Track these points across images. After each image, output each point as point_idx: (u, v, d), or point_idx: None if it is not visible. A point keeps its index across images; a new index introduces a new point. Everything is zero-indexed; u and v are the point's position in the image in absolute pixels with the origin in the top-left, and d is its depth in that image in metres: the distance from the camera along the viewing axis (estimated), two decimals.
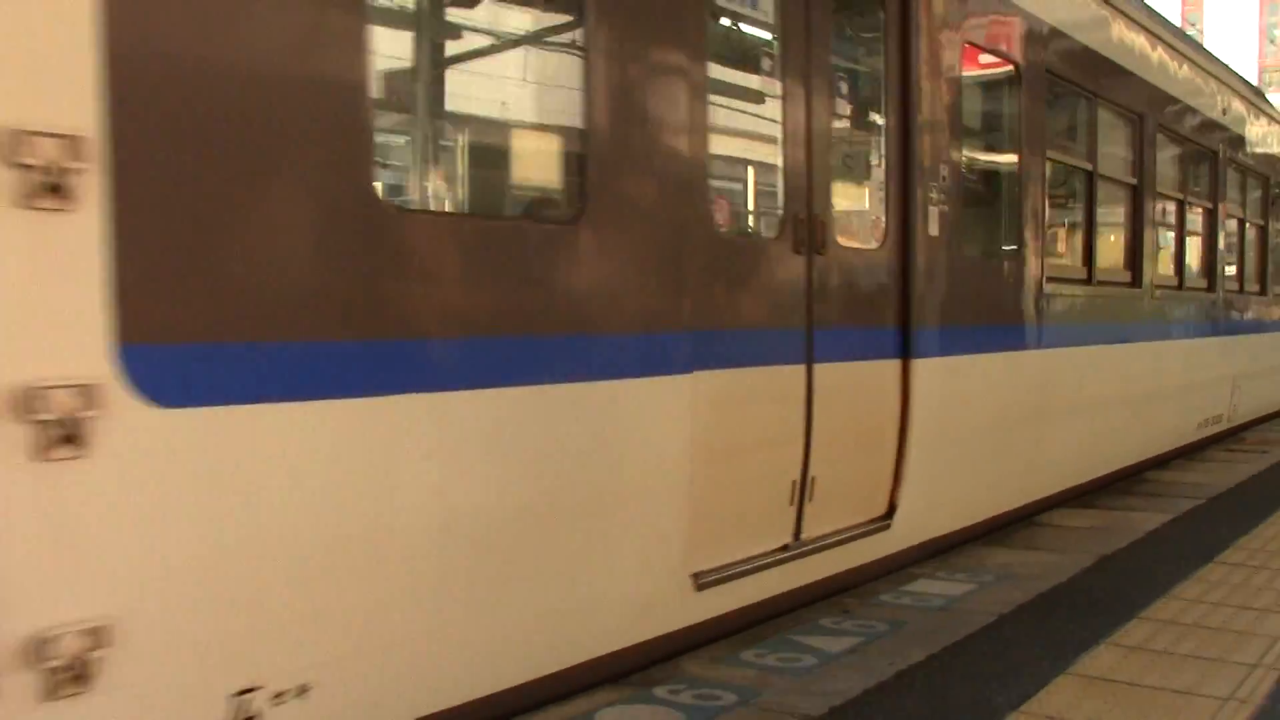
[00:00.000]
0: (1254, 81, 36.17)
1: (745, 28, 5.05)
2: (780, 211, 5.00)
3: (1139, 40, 8.75)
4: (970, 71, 6.35)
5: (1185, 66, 9.89)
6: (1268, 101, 13.09)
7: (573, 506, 3.95)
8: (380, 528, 3.31)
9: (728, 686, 4.33)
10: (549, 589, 3.92)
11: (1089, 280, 7.98)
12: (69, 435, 2.66)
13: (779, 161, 4.97)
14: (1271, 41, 40.31)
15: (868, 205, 5.81)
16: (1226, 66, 11.66)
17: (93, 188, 2.70)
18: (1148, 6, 9.33)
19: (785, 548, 5.05)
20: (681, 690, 4.29)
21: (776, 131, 4.93)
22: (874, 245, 5.63)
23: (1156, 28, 9.22)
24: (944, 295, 5.95)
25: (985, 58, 6.57)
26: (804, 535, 5.15)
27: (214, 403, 2.89)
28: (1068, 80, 7.55)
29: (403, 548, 3.39)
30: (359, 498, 3.24)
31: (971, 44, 6.29)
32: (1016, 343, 6.80)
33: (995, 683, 4.36)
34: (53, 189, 2.62)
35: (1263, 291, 12.34)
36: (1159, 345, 9.15)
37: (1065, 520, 7.57)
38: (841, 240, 5.29)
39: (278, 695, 3.09)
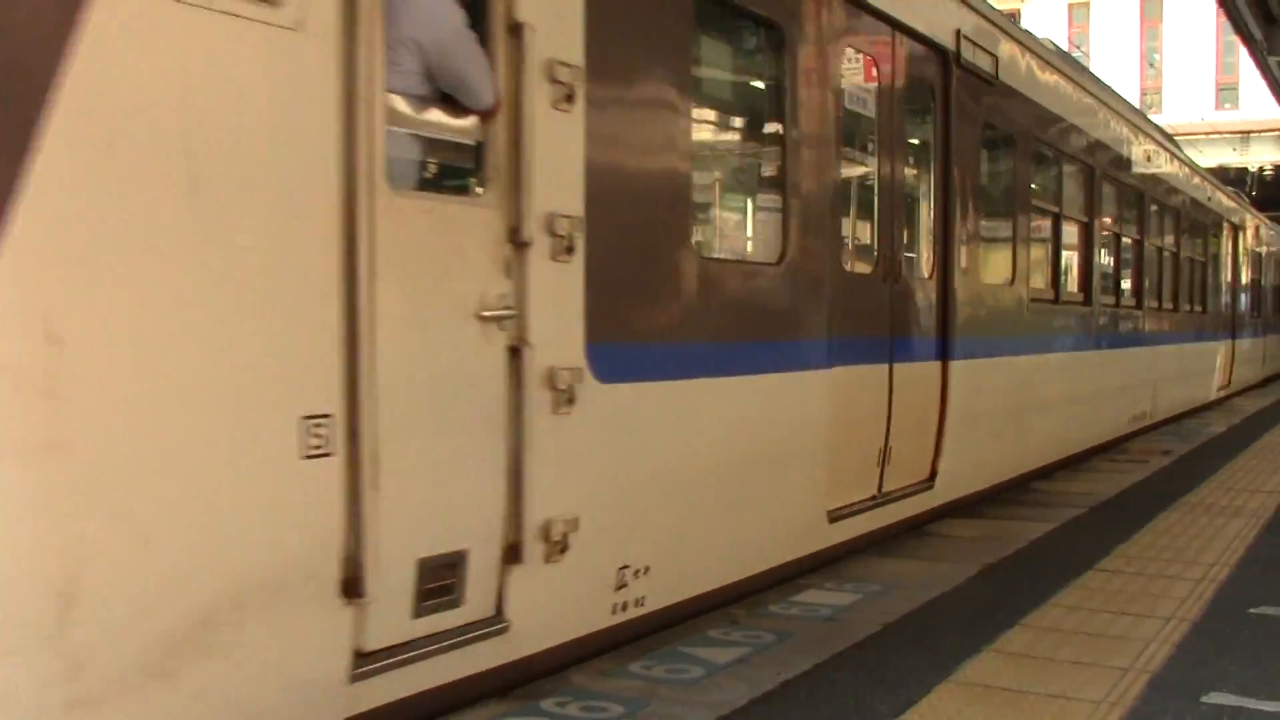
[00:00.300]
0: (1135, 103, 37.11)
1: (862, 121, 6.79)
2: (875, 253, 6.89)
3: (1090, 105, 11.08)
4: (986, 143, 8.39)
5: (1124, 128, 12.48)
6: (1178, 147, 16.19)
7: (777, 458, 5.76)
8: (691, 467, 5.11)
9: (614, 698, 4.34)
10: (763, 513, 5.73)
11: (1056, 300, 10.15)
12: (570, 398, 4.33)
13: (875, 217, 6.84)
14: (1151, 65, 41.68)
15: (922, 247, 7.68)
16: (1157, 126, 14.92)
17: (580, 248, 4.37)
18: (1096, 78, 12.18)
19: (873, 497, 6.81)
20: (568, 703, 4.29)
21: (874, 196, 6.84)
22: (926, 275, 7.54)
23: (1104, 95, 11.74)
24: (968, 313, 7.86)
25: (994, 132, 8.56)
26: (884, 489, 6.92)
27: (629, 380, 4.68)
28: (1048, 144, 9.80)
29: (699, 481, 5.18)
30: (687, 447, 5.07)
31: (989, 123, 8.35)
32: (1013, 350, 8.80)
33: (879, 691, 4.43)
34: (567, 249, 4.32)
35: (1176, 309, 14.96)
36: (1105, 354, 11.48)
37: (953, 530, 7.71)
38: (907, 273, 7.23)
39: (636, 571, 4.85)
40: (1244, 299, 20.10)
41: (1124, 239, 12.71)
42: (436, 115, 3.99)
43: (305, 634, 3.42)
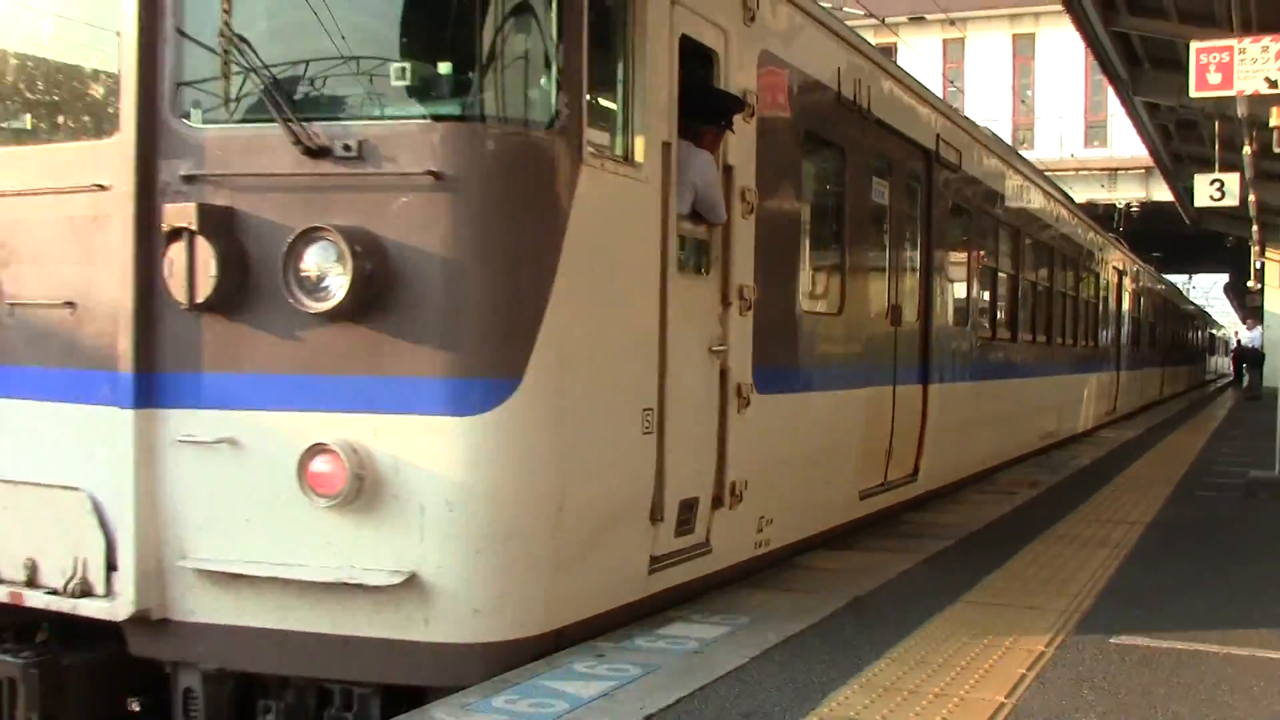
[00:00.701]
0: (1009, 139, 37.99)
1: (879, 205, 9.02)
2: (886, 303, 9.05)
3: (1020, 181, 13.57)
4: (952, 215, 10.69)
5: (1043, 196, 15.08)
6: (1080, 210, 19.25)
7: (839, 450, 8.09)
8: (798, 451, 7.23)
9: None
10: (831, 487, 8.02)
11: (993, 338, 12.49)
12: (747, 402, 6.42)
13: (886, 276, 9.08)
14: (1023, 101, 42.89)
15: (911, 297, 9.70)
16: (1066, 194, 17.99)
17: (752, 306, 6.52)
18: (1023, 158, 15.13)
19: (881, 484, 8.94)
20: None
21: (885, 260, 9.11)
22: (914, 319, 9.68)
23: (1028, 171, 14.40)
24: (941, 347, 10.11)
25: (957, 207, 10.86)
26: (887, 479, 9.06)
27: (771, 392, 6.69)
28: (991, 214, 12.24)
29: (802, 461, 7.32)
30: (797, 438, 7.20)
31: (953, 201, 10.67)
32: (970, 377, 11.20)
33: None
34: (748, 307, 6.47)
35: (1076, 344, 17.56)
36: (1029, 381, 14.29)
37: (822, 562, 7.75)
38: (904, 317, 9.44)
39: (769, 520, 6.89)
40: (1126, 335, 23.55)
41: (1040, 287, 15.14)
42: (693, 226, 6.10)
43: (634, 542, 5.59)
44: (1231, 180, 24.56)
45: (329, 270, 4.54)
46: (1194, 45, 12.50)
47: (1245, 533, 9.53)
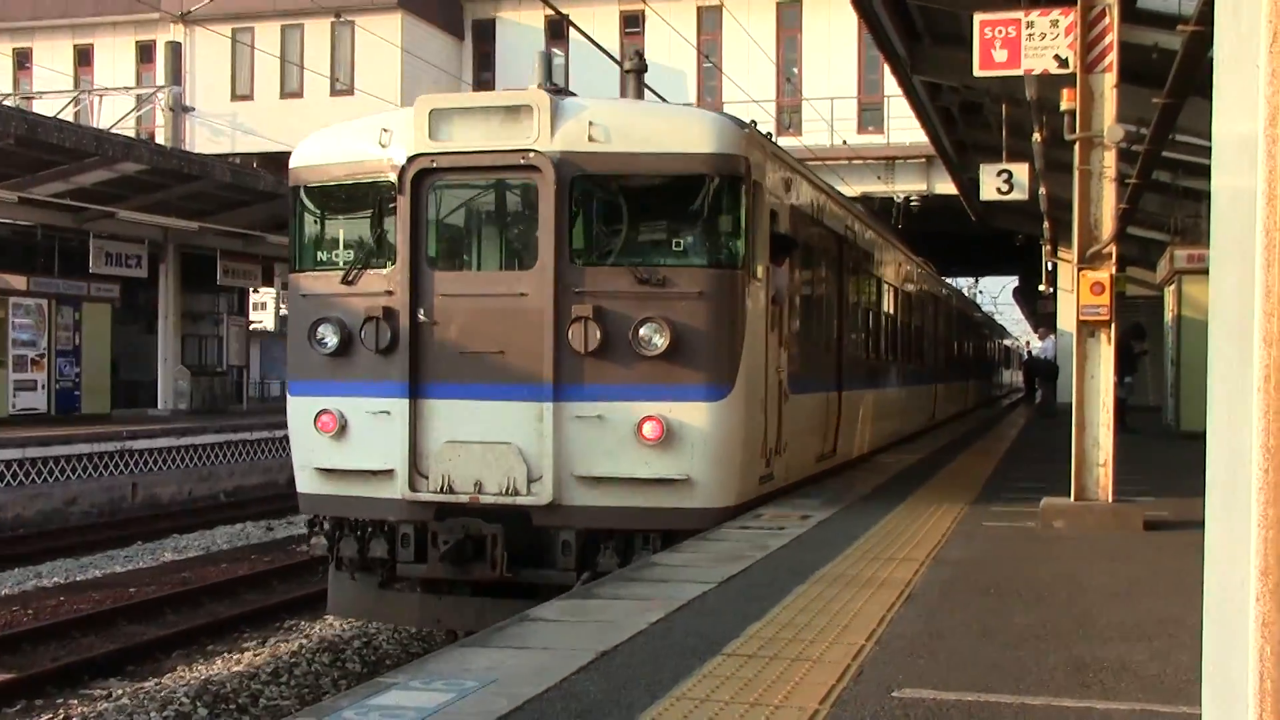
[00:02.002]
0: (772, 125, 38.91)
1: (823, 275, 17.12)
2: (827, 337, 16.77)
3: (892, 250, 23.35)
4: (852, 274, 18.48)
5: (904, 258, 25.17)
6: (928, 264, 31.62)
7: (817, 429, 16.09)
8: (805, 427, 15.14)
9: None
10: (811, 450, 15.48)
11: (880, 358, 20.82)
12: (786, 397, 13.90)
13: (825, 319, 16.80)
14: (789, 80, 44.17)
15: (833, 332, 17.05)
16: (924, 261, 30.72)
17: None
18: (897, 230, 30.01)
19: (827, 454, 16.47)
20: None
21: (827, 309, 17.19)
22: (834, 346, 16.98)
23: (897, 241, 24.70)
24: (852, 367, 17.68)
25: (856, 269, 18.96)
26: (828, 452, 16.49)
27: (794, 394, 14.09)
28: (875, 273, 20.59)
29: (805, 432, 15.18)
30: (803, 420, 14.93)
31: (853, 266, 18.53)
32: (871, 386, 19.26)
33: None
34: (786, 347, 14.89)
35: (911, 362, 26.44)
36: (910, 388, 24.71)
37: (559, 614, 7.76)
38: (836, 347, 17.16)
39: (788, 466, 14.08)
40: (942, 353, 33.47)
41: (900, 321, 24.04)
42: (773, 307, 13.08)
43: (760, 467, 12.75)
44: (1020, 171, 25.96)
45: (654, 335, 11.50)
46: (978, 18, 13.12)
47: (1037, 568, 10.04)
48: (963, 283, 75.74)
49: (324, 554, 13.00)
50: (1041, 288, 46.83)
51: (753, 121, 13.73)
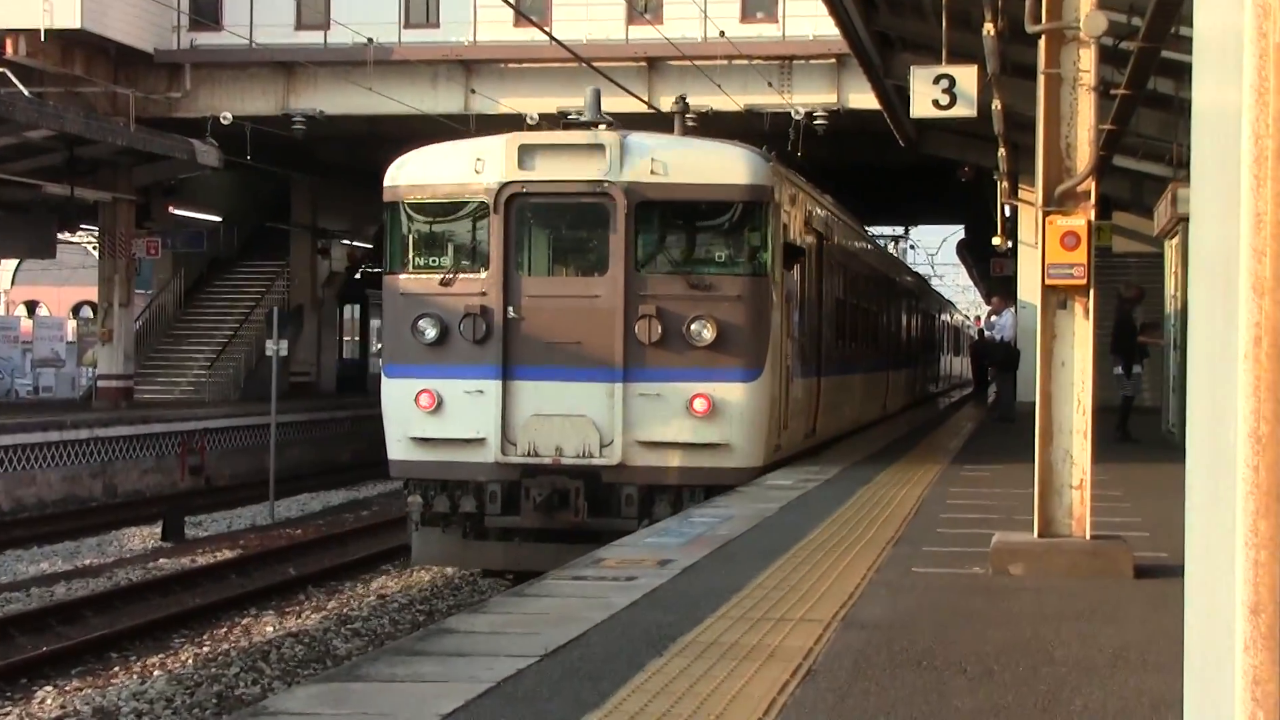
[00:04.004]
0: (622, 2, 39.04)
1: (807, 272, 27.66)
2: (809, 330, 26.65)
3: (874, 253, 40.74)
4: (829, 271, 28.48)
5: (889, 264, 45.13)
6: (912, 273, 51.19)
7: (812, 408, 26.75)
8: (799, 408, 25.33)
9: None
10: (808, 425, 26.40)
11: (858, 346, 33.16)
12: (791, 378, 24.81)
13: (808, 315, 26.79)
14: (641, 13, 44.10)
15: (815, 324, 27.18)
16: (912, 270, 57.94)
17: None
18: (873, 238, 46.89)
19: (809, 434, 26.33)
20: None
21: (809, 307, 27.05)
22: (818, 336, 27.50)
23: (875, 246, 44.59)
24: (829, 355, 28.03)
25: (835, 267, 29.28)
26: (811, 430, 26.66)
27: (798, 377, 24.66)
28: (855, 269, 33.58)
29: (798, 406, 25.43)
30: (803, 399, 25.74)
31: (831, 260, 28.70)
32: (848, 371, 31.37)
33: None
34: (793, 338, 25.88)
35: (922, 352, 50.28)
36: (882, 373, 38.79)
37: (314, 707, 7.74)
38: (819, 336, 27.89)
39: (814, 429, 27.08)
40: (905, 343, 45.99)
41: (879, 317, 37.07)
42: (789, 306, 23.79)
43: (804, 427, 25.59)
44: (966, 77, 26.10)
45: (703, 330, 20.32)
46: None
47: (986, 631, 10.18)
48: (889, 234, 76.54)
49: (420, 511, 21.10)
50: (995, 241, 47.12)
51: (774, 152, 23.79)
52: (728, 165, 21.36)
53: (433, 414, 20.63)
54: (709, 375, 20.38)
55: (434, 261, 21.43)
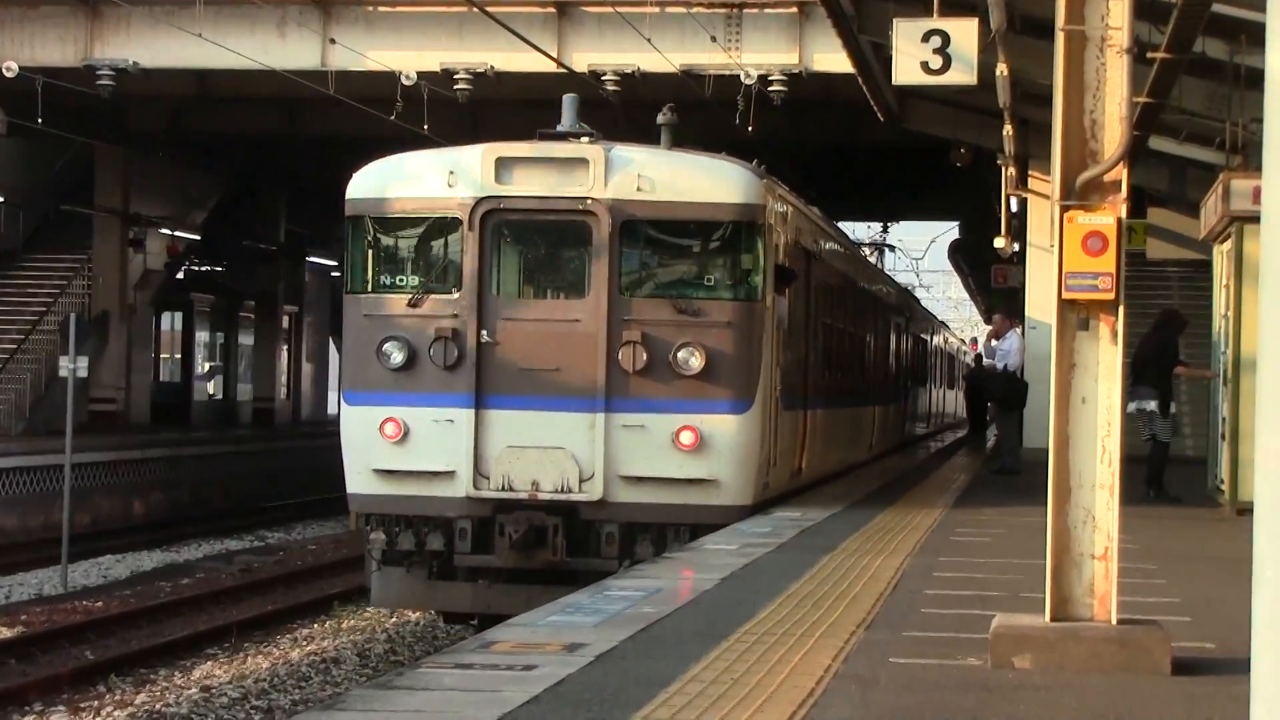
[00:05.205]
0: None
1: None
2: (799, 361, 32.14)
3: (868, 274, 48.19)
4: (818, 294, 34.23)
5: (884, 285, 53.71)
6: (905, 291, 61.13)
7: (799, 446, 31.92)
8: (786, 445, 30.57)
9: None
10: (794, 463, 31.62)
11: (845, 377, 39.62)
12: (779, 410, 30.57)
13: (795, 347, 32.46)
14: None
15: (802, 355, 32.56)
16: (909, 293, 70.89)
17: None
18: (870, 260, 59.61)
19: (796, 472, 31.36)
20: None
21: (795, 337, 32.29)
22: (805, 368, 33.15)
23: (868, 263, 54.29)
24: (819, 388, 34.00)
25: (826, 291, 35.64)
26: (798, 468, 32.06)
27: (784, 409, 29.65)
28: (846, 291, 40.08)
29: (815, 443, 33.97)
30: (789, 433, 30.74)
31: (821, 284, 34.46)
32: (837, 405, 37.74)
33: None
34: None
35: (908, 384, 58.36)
36: (870, 407, 45.27)
37: None
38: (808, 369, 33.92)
39: (799, 469, 32.80)
40: (893, 374, 51.76)
41: (867, 343, 43.49)
42: (780, 331, 29.15)
43: (791, 464, 30.59)
44: (964, 33, 26.09)
45: (690, 358, 24.27)
46: None
47: None
48: (863, 231, 76.84)
49: (383, 549, 23.76)
50: (998, 243, 47.05)
51: (764, 166, 27.01)
52: (718, 182, 24.96)
53: (398, 444, 23.53)
54: (696, 406, 23.74)
55: (401, 280, 24.61)
